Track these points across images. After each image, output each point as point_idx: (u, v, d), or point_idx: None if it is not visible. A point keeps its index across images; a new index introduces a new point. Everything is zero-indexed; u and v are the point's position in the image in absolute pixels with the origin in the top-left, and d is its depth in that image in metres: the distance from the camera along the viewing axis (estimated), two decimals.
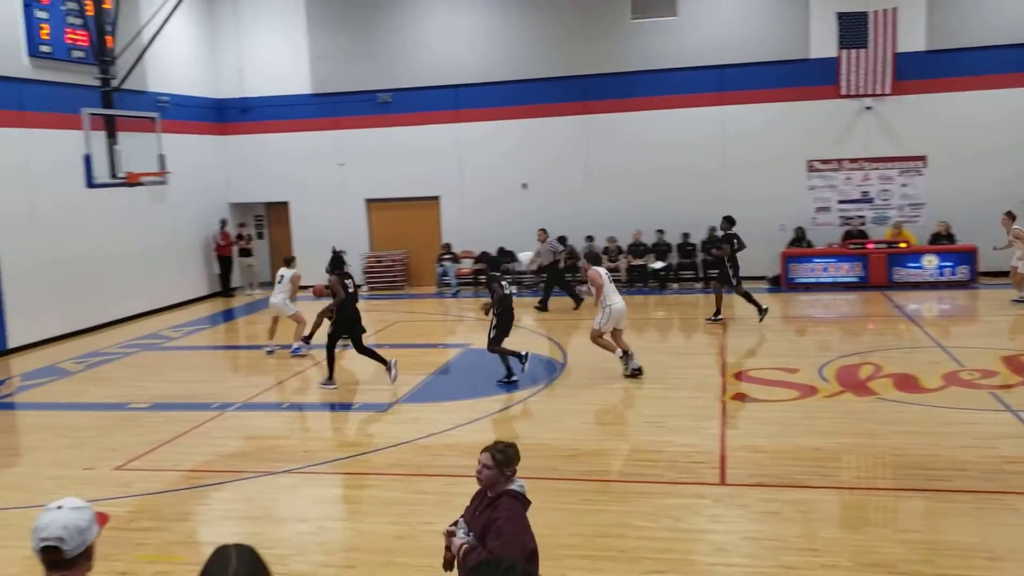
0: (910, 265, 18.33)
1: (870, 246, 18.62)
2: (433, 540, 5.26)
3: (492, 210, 20.91)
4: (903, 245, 18.50)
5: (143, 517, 7.62)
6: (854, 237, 19.12)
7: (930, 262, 18.22)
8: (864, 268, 18.48)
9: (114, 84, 13.09)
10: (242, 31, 21.84)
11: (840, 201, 19.73)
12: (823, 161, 19.69)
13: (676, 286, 19.80)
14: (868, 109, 19.25)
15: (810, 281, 18.80)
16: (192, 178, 19.82)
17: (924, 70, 18.86)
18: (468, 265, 21.04)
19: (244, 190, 22.42)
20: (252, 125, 22.15)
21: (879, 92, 18.95)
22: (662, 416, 10.12)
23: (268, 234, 23.10)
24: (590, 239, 20.27)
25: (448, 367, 13.20)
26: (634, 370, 11.73)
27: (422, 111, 21.17)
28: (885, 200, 19.51)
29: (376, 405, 11.10)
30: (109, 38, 13.25)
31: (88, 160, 12.16)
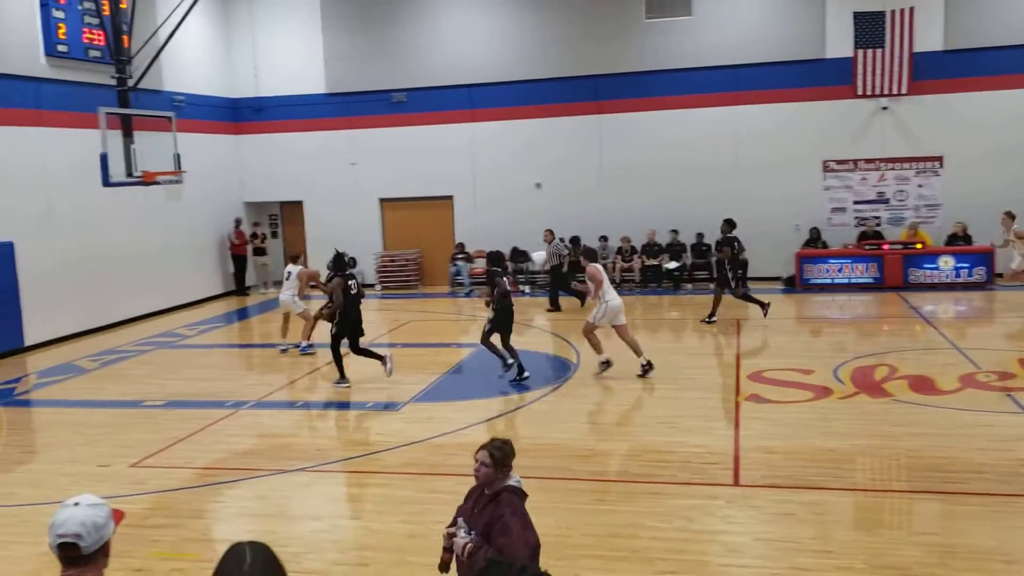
0: (926, 266, 18.21)
1: (886, 247, 18.51)
2: None
3: (505, 210, 20.92)
4: (919, 246, 18.39)
5: (158, 514, 7.66)
6: (870, 238, 19.01)
7: (946, 263, 18.10)
8: (880, 269, 18.38)
9: (130, 83, 13.16)
10: (257, 31, 21.93)
11: (856, 202, 19.64)
12: (839, 161, 19.60)
13: (690, 286, 19.76)
14: (884, 109, 19.14)
15: (825, 282, 18.71)
16: (207, 177, 19.91)
17: (941, 70, 18.74)
18: (481, 264, 21.04)
19: (258, 189, 22.52)
20: (267, 124, 22.24)
21: (896, 92, 18.84)
22: (675, 417, 10.09)
23: (282, 233, 23.19)
24: (604, 239, 20.27)
25: (461, 366, 13.21)
26: (643, 367, 11.76)
27: (436, 111, 21.20)
28: (901, 201, 19.40)
29: (389, 404, 11.12)
30: (125, 38, 13.32)
31: (104, 159, 12.23)
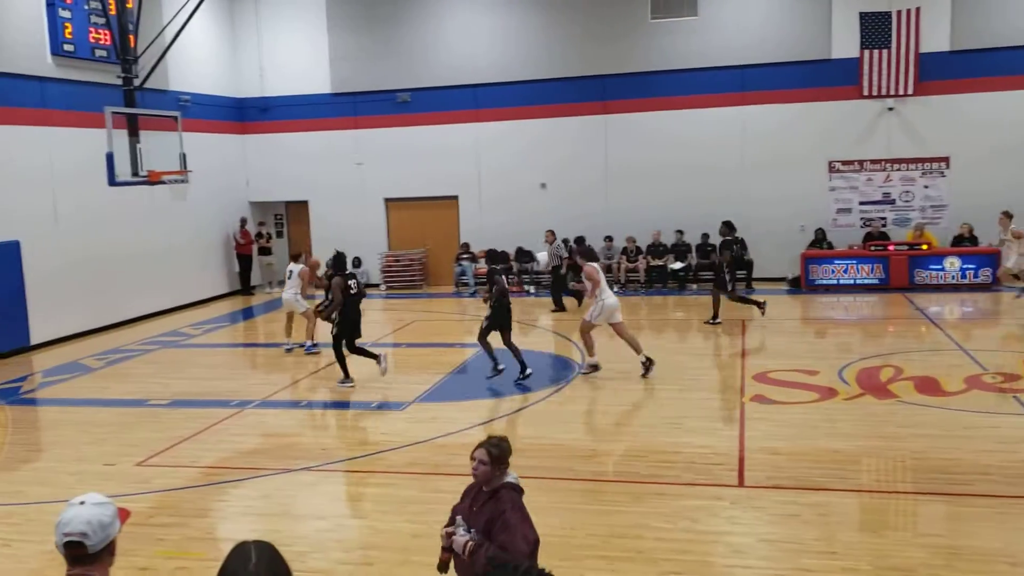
0: (932, 267, 18.17)
1: (891, 248, 18.48)
2: None
3: (510, 210, 20.92)
4: (925, 247, 18.34)
5: (163, 513, 7.67)
6: (875, 239, 18.97)
7: (952, 264, 18.06)
8: (885, 270, 18.34)
9: (136, 83, 13.16)
10: (263, 31, 21.96)
11: (861, 202, 19.60)
12: (844, 162, 19.57)
13: (695, 287, 19.74)
14: (890, 110, 19.10)
15: (830, 283, 18.68)
16: (213, 177, 19.95)
17: (948, 70, 18.69)
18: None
19: (264, 189, 22.55)
20: (272, 124, 22.27)
21: (902, 92, 18.80)
22: (680, 417, 10.08)
23: (287, 233, 23.22)
24: (609, 239, 20.26)
25: (466, 366, 13.20)
26: (644, 365, 11.83)
27: (441, 111, 21.21)
28: (907, 202, 19.36)
29: (394, 404, 11.13)
30: (131, 37, 13.32)
31: (110, 158, 12.23)
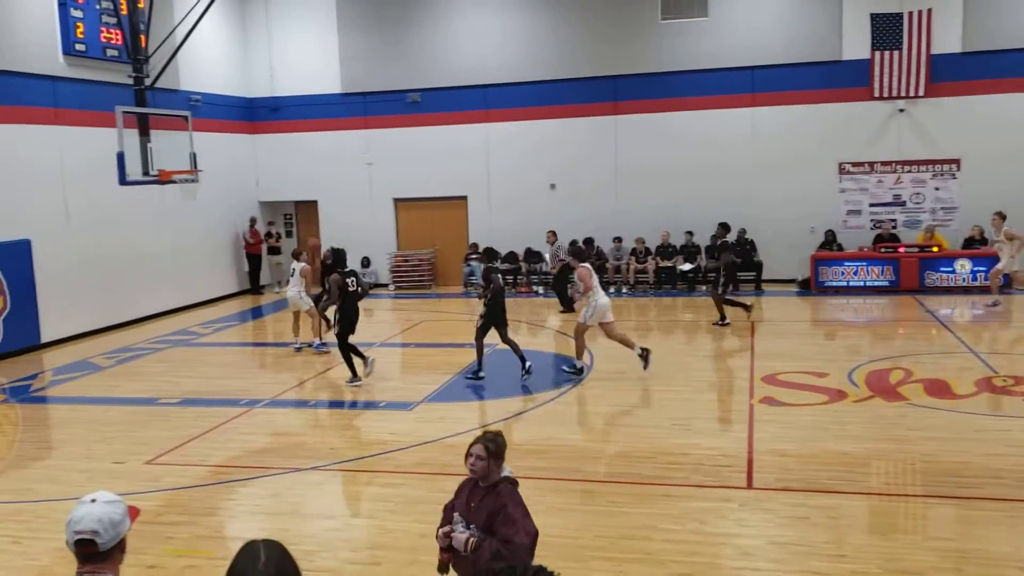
0: (942, 269, 18.09)
1: (901, 250, 18.40)
2: None
3: (519, 210, 20.91)
4: (935, 249, 18.27)
5: (172, 511, 7.70)
6: (885, 241, 18.90)
7: (963, 267, 17.96)
8: (895, 272, 18.27)
9: (147, 83, 13.18)
10: (273, 31, 22.02)
11: (871, 204, 19.52)
12: (855, 164, 19.50)
13: (705, 288, 19.66)
14: (901, 111, 19.02)
15: (840, 285, 18.61)
16: (223, 176, 20.00)
17: (959, 72, 18.60)
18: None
19: (274, 189, 22.61)
20: (282, 124, 22.32)
21: (913, 94, 18.72)
22: (689, 419, 10.06)
23: (297, 232, 23.27)
24: (618, 240, 20.25)
25: (474, 367, 13.20)
26: (642, 357, 11.91)
27: (451, 111, 21.23)
28: (917, 203, 19.28)
29: (402, 404, 11.13)
30: (143, 37, 13.35)
31: (121, 158, 12.27)
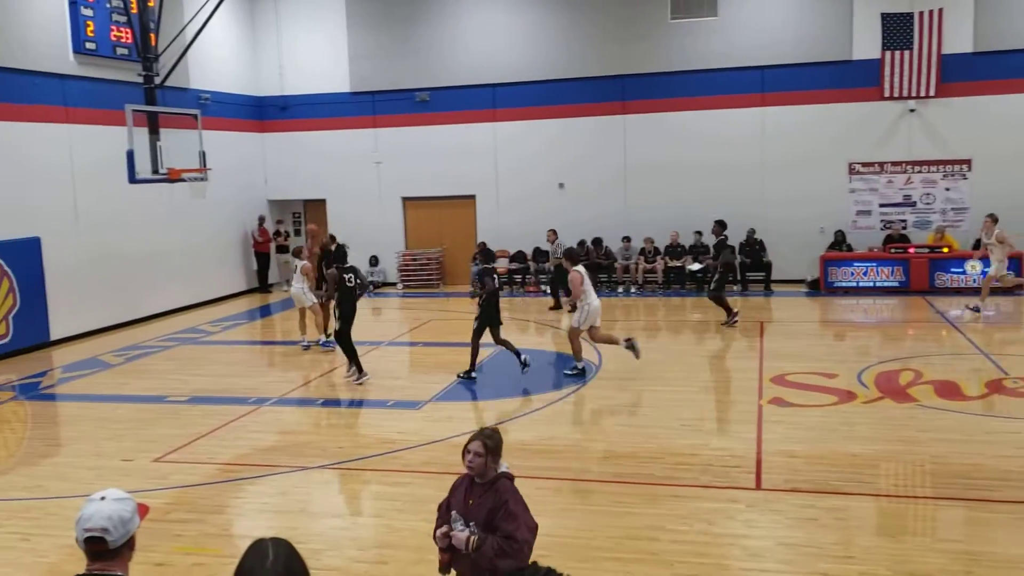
0: (953, 270, 18.01)
1: (912, 250, 18.33)
2: None
3: (528, 209, 20.90)
4: (945, 250, 18.19)
5: (180, 509, 7.71)
6: (895, 241, 18.83)
7: (973, 267, 17.87)
8: (905, 273, 18.20)
9: (157, 81, 13.22)
10: (283, 29, 22.05)
11: (881, 204, 19.45)
12: (865, 164, 19.42)
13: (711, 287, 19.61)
14: (912, 111, 18.94)
15: (850, 285, 18.55)
16: (232, 175, 20.04)
17: (970, 72, 18.51)
18: (504, 264, 21.07)
19: (282, 187, 22.65)
20: (291, 123, 22.36)
21: (923, 94, 18.64)
22: (697, 419, 10.04)
23: (305, 231, 23.27)
24: (626, 240, 20.22)
25: (482, 366, 13.17)
26: (630, 347, 11.99)
27: (459, 110, 21.23)
28: (928, 204, 19.20)
29: (410, 403, 11.13)
30: (152, 36, 13.39)
31: (131, 156, 12.30)
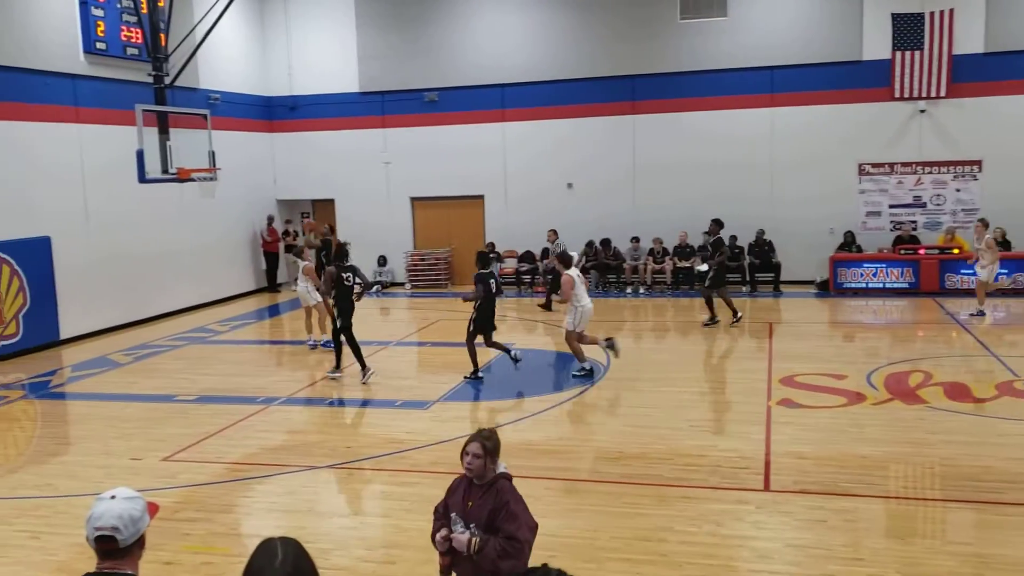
0: (963, 272, 17.91)
1: (922, 252, 18.26)
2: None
3: (536, 209, 20.88)
4: (956, 251, 18.10)
5: (189, 508, 7.73)
6: (905, 242, 18.75)
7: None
8: (915, 274, 18.13)
9: (167, 81, 13.25)
10: (292, 29, 22.09)
11: (891, 205, 19.37)
12: (875, 164, 19.35)
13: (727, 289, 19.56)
14: (922, 112, 18.87)
15: (859, 286, 18.49)
16: (241, 175, 20.09)
17: (982, 72, 18.43)
18: (511, 264, 21.10)
19: (291, 187, 22.69)
20: (300, 123, 22.40)
21: (934, 95, 18.56)
22: (706, 420, 10.02)
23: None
24: (635, 240, 20.20)
25: (490, 366, 13.18)
26: (609, 345, 12.06)
27: (468, 110, 21.24)
28: (938, 205, 19.11)
29: (418, 403, 11.14)
30: (162, 36, 13.42)
31: (141, 156, 12.33)
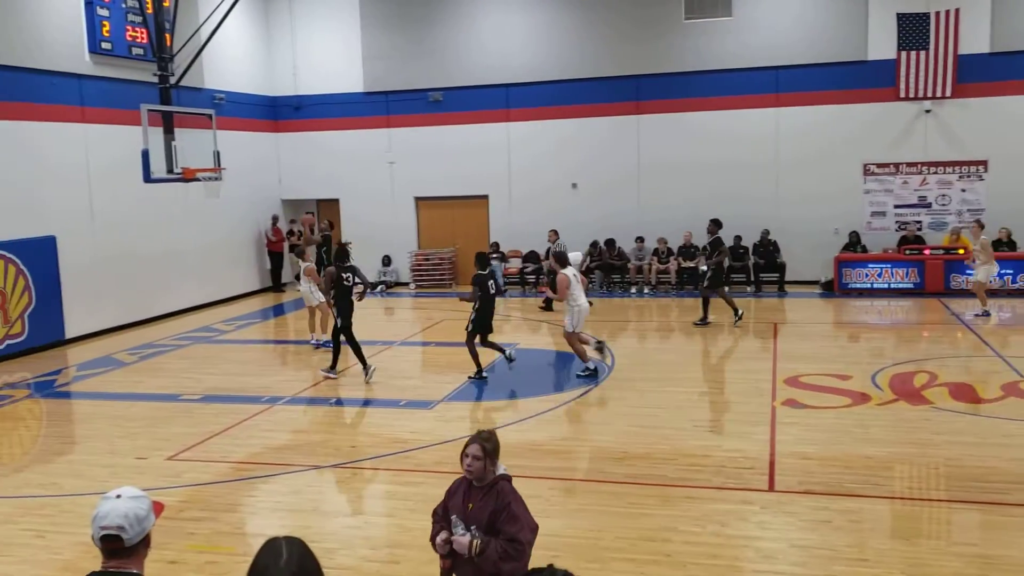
0: (968, 272, 17.84)
1: (927, 252, 18.22)
2: None
3: (541, 210, 20.87)
4: (961, 252, 18.05)
5: (193, 507, 7.74)
6: (910, 243, 18.72)
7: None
8: (920, 274, 18.09)
9: (172, 81, 13.29)
10: (297, 29, 22.12)
11: (896, 205, 19.33)
12: (880, 165, 19.31)
13: (727, 289, 19.48)
14: (927, 112, 18.82)
15: (864, 287, 18.46)
16: (246, 175, 20.11)
17: (987, 72, 18.38)
18: (516, 264, 21.09)
19: (296, 187, 22.71)
20: (305, 123, 22.42)
21: (939, 95, 18.52)
22: (710, 420, 10.01)
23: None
24: (640, 240, 20.18)
25: (494, 366, 13.18)
26: (597, 344, 12.22)
27: (473, 110, 21.24)
28: (943, 205, 19.07)
29: (422, 403, 11.14)
30: (168, 36, 13.45)
31: (146, 155, 12.36)
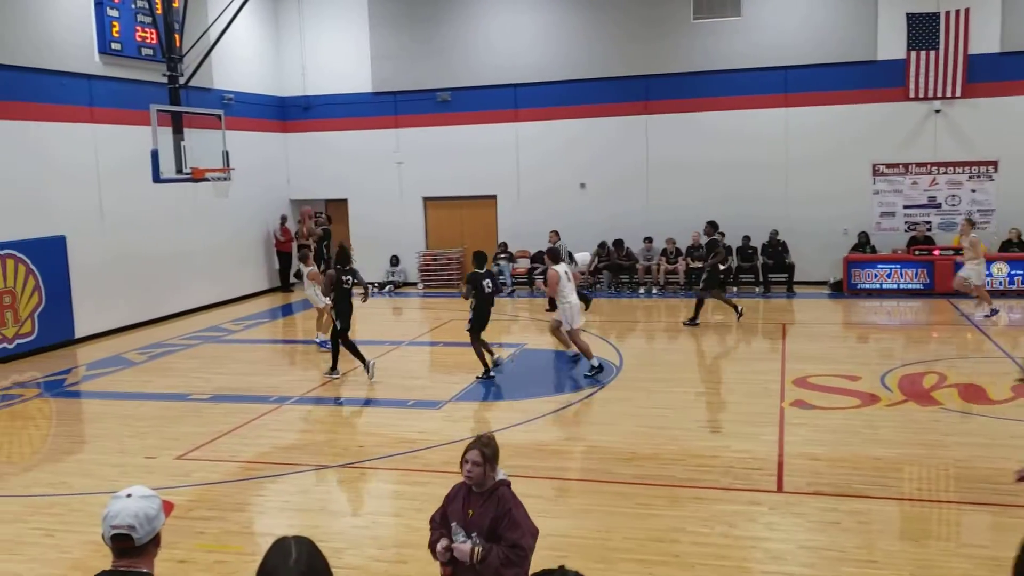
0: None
1: (936, 252, 18.15)
2: None
3: (549, 210, 20.84)
4: None
5: (202, 506, 7.76)
6: (920, 243, 18.65)
7: (1000, 270, 17.67)
8: (930, 275, 18.02)
9: (181, 81, 13.32)
10: (306, 30, 22.16)
11: (906, 206, 19.26)
12: (889, 165, 19.24)
13: (735, 289, 19.52)
14: (937, 112, 18.75)
15: (873, 287, 18.40)
16: (254, 175, 20.16)
17: (998, 72, 18.30)
18: (524, 264, 21.09)
19: (304, 187, 22.75)
20: (314, 123, 22.46)
21: (949, 95, 18.45)
22: (719, 421, 9.99)
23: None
24: (648, 240, 20.16)
25: (502, 367, 13.20)
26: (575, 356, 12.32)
27: (481, 110, 21.25)
28: (953, 206, 18.99)
29: (430, 403, 11.15)
30: (177, 36, 13.48)
31: (155, 156, 12.39)
